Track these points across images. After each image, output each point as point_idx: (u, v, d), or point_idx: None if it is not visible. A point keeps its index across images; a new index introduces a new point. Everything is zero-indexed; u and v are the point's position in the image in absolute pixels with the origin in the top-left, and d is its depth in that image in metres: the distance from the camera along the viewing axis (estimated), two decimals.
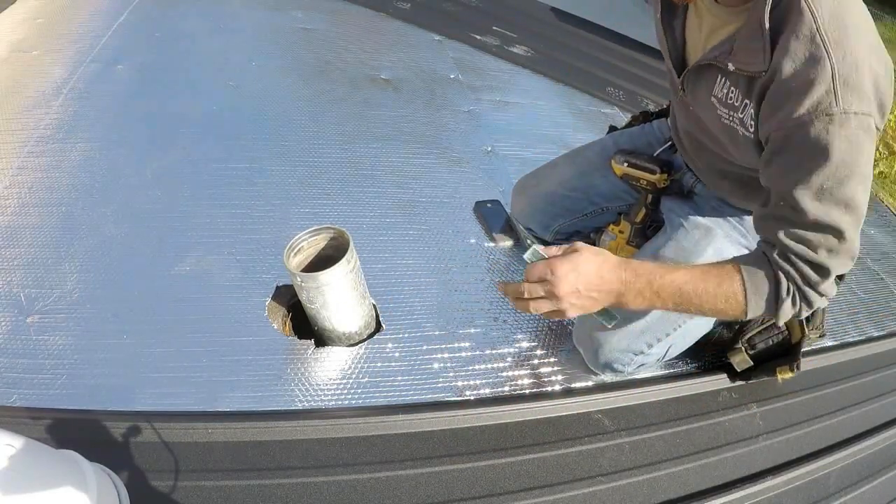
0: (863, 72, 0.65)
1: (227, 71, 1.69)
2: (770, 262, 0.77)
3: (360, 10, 2.24)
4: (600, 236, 1.23)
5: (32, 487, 0.58)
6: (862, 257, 1.60)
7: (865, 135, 0.66)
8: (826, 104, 0.65)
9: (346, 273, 0.88)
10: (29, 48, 1.65)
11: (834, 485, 1.00)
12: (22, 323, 0.95)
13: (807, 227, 0.73)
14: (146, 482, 0.78)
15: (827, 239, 0.72)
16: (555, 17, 2.65)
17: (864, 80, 0.65)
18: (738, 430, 1.03)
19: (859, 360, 1.27)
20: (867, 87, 0.66)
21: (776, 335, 1.01)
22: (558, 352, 1.09)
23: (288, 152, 1.42)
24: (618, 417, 1.00)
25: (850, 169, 0.67)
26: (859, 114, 0.65)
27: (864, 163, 0.68)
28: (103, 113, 1.44)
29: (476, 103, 1.80)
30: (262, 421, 0.86)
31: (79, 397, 0.86)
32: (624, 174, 1.13)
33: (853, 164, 0.67)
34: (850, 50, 0.64)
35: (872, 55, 0.66)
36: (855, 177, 0.68)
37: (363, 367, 0.98)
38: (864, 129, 0.66)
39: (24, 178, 1.22)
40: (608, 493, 0.88)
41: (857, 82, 0.65)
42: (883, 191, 2.39)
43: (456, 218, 1.33)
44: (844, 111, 0.64)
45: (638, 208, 1.15)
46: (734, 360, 1.05)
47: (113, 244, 1.11)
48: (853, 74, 0.64)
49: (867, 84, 0.66)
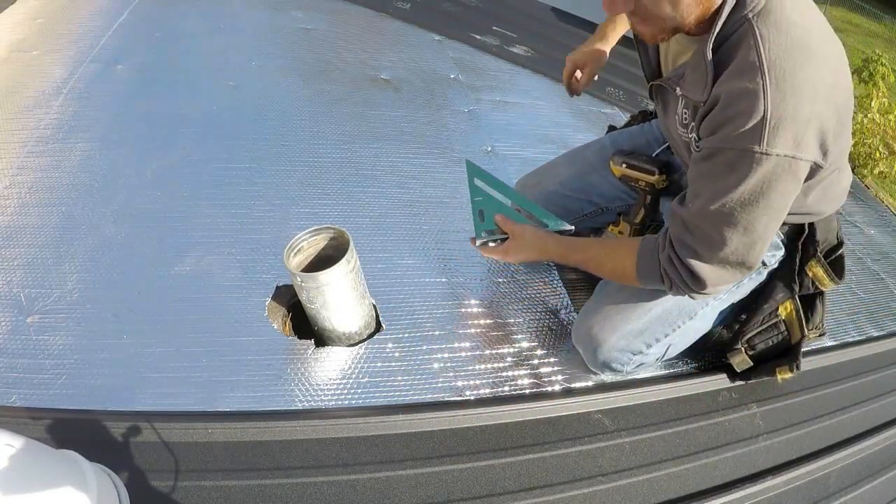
0: (799, 117, 0.67)
1: (227, 71, 1.69)
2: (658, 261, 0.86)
3: (360, 10, 2.24)
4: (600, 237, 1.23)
5: (32, 487, 0.58)
6: (862, 257, 1.60)
7: (784, 173, 0.70)
8: (749, 140, 0.68)
9: (346, 273, 0.88)
10: (29, 48, 1.65)
11: (834, 485, 1.00)
12: (22, 323, 0.95)
13: (698, 232, 0.79)
14: (146, 482, 0.78)
15: (711, 251, 0.79)
16: (555, 17, 2.65)
17: (798, 126, 0.67)
18: (738, 430, 1.03)
19: (859, 360, 1.27)
20: (800, 129, 0.68)
21: (776, 335, 1.01)
22: (558, 352, 1.09)
23: (288, 152, 1.42)
24: (618, 417, 1.00)
25: (757, 200, 0.72)
26: (781, 156, 0.68)
27: (774, 198, 0.72)
28: (103, 113, 1.44)
29: (476, 103, 1.80)
30: (261, 421, 0.87)
31: (79, 397, 0.86)
32: (623, 175, 1.13)
33: (761, 196, 0.72)
34: (791, 94, 0.66)
35: (817, 97, 0.68)
36: (759, 207, 0.73)
37: (363, 367, 0.98)
38: (782, 169, 0.69)
39: (24, 178, 1.22)
40: (608, 492, 0.88)
41: (787, 127, 0.67)
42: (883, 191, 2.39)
43: (456, 218, 1.33)
44: (766, 152, 0.68)
45: (637, 209, 1.15)
46: (734, 360, 1.05)
47: (113, 244, 1.11)
48: (786, 119, 0.67)
49: (801, 127, 0.68)
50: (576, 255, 0.99)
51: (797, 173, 0.71)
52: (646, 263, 0.88)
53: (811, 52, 0.68)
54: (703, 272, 0.80)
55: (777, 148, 0.67)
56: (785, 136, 0.67)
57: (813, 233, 0.94)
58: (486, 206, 1.03)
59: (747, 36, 0.69)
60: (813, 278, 0.97)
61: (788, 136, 0.67)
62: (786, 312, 0.99)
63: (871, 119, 4.25)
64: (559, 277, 1.24)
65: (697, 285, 0.82)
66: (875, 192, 2.08)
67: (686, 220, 0.81)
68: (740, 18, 0.70)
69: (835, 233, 0.97)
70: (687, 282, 0.83)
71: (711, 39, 0.71)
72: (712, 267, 0.80)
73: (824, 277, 0.96)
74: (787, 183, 0.71)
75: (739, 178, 0.71)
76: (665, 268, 0.85)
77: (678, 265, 0.83)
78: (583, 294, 1.22)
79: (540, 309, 1.16)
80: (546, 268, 1.26)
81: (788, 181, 0.71)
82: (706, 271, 0.80)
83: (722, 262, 0.79)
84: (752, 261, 0.79)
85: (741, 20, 0.70)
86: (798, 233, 0.97)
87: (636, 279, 0.90)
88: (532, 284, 1.21)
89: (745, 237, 0.76)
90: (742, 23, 0.70)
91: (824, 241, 0.95)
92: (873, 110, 4.27)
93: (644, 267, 0.89)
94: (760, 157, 0.68)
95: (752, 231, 0.75)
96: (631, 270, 0.90)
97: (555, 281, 1.23)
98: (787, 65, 0.67)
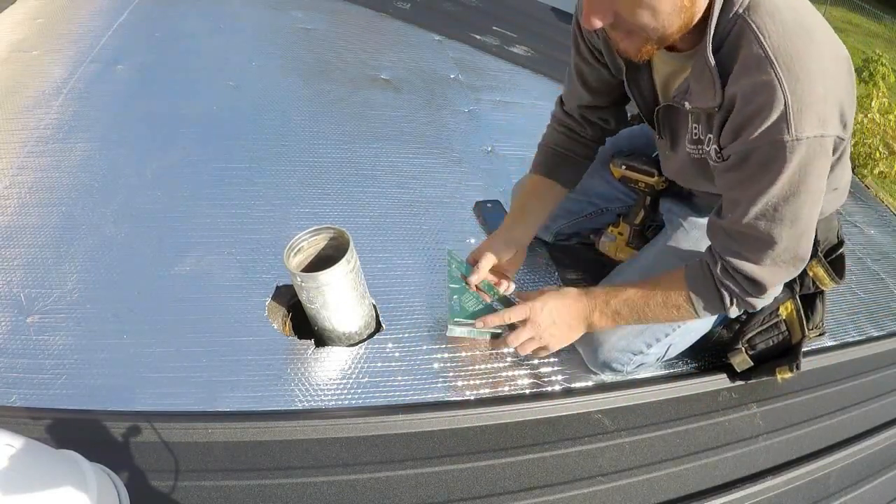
0: (816, 95, 0.66)
1: (227, 71, 1.69)
2: (713, 276, 0.84)
3: (360, 10, 2.24)
4: (599, 238, 1.23)
5: (32, 487, 0.58)
6: (862, 257, 1.60)
7: (817, 155, 0.69)
8: (777, 131, 0.67)
9: (346, 273, 0.88)
10: (29, 48, 1.65)
11: (834, 485, 1.00)
12: (22, 323, 0.95)
13: (745, 239, 0.78)
14: (146, 482, 0.78)
15: (763, 252, 0.78)
16: (555, 17, 2.65)
17: (818, 102, 0.66)
18: (738, 430, 1.03)
19: (859, 360, 1.27)
20: (821, 108, 0.67)
21: (776, 336, 1.01)
22: (558, 352, 1.08)
23: (288, 152, 1.42)
24: (618, 417, 1.00)
25: (798, 189, 0.71)
26: (811, 137, 0.67)
27: (812, 181, 0.71)
28: (103, 113, 1.44)
29: (476, 103, 1.80)
30: (261, 421, 0.86)
31: (79, 397, 0.86)
32: (622, 176, 1.13)
33: (800, 184, 0.71)
34: (804, 75, 0.65)
35: (825, 73, 0.67)
36: (801, 194, 0.71)
37: (363, 367, 0.98)
38: (815, 150, 0.68)
39: (24, 178, 1.22)
40: (608, 493, 0.88)
41: (810, 108, 0.66)
42: (883, 191, 2.39)
43: (456, 218, 1.33)
44: (796, 138, 0.66)
45: (637, 210, 1.15)
46: (734, 360, 1.05)
47: (113, 244, 1.11)
48: (806, 99, 0.66)
49: (821, 105, 0.67)
50: (618, 296, 0.90)
51: (828, 150, 0.70)
52: (698, 284, 0.86)
53: (808, 31, 0.68)
54: (759, 274, 0.79)
55: (805, 131, 0.66)
56: (810, 117, 0.66)
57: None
58: (463, 295, 1.01)
59: (745, 31, 0.68)
60: (814, 278, 0.97)
61: (813, 117, 0.66)
62: (786, 312, 0.99)
63: (871, 119, 4.26)
64: (559, 277, 1.24)
65: (757, 290, 0.81)
66: (875, 192, 2.08)
67: (729, 229, 0.80)
68: (732, 17, 0.69)
69: (835, 232, 0.97)
70: (746, 289, 0.81)
71: (708, 43, 0.71)
72: (767, 268, 0.79)
73: (825, 277, 0.96)
74: (820, 162, 0.70)
75: (776, 172, 0.70)
76: (722, 280, 0.83)
77: (734, 273, 0.81)
78: None
79: None
80: (546, 268, 1.26)
81: (822, 160, 0.70)
82: (762, 273, 0.79)
83: (775, 261, 0.78)
84: (804, 252, 0.78)
85: (733, 18, 0.69)
86: None
87: (690, 305, 0.86)
88: (532, 284, 1.21)
89: (793, 230, 0.75)
90: (735, 20, 0.69)
91: (825, 240, 0.95)
92: (873, 110, 4.27)
93: (697, 287, 0.86)
94: (793, 145, 0.67)
95: (798, 221, 0.74)
96: (682, 297, 0.86)
97: (555, 281, 1.23)
98: (792, 49, 0.66)
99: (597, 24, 0.70)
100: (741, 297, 0.83)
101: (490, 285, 1.02)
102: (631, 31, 0.71)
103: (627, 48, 0.75)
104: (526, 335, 0.91)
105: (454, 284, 1.02)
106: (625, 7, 0.67)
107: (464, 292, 1.01)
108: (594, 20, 0.69)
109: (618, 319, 0.91)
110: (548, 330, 0.91)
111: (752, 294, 0.82)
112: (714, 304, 0.86)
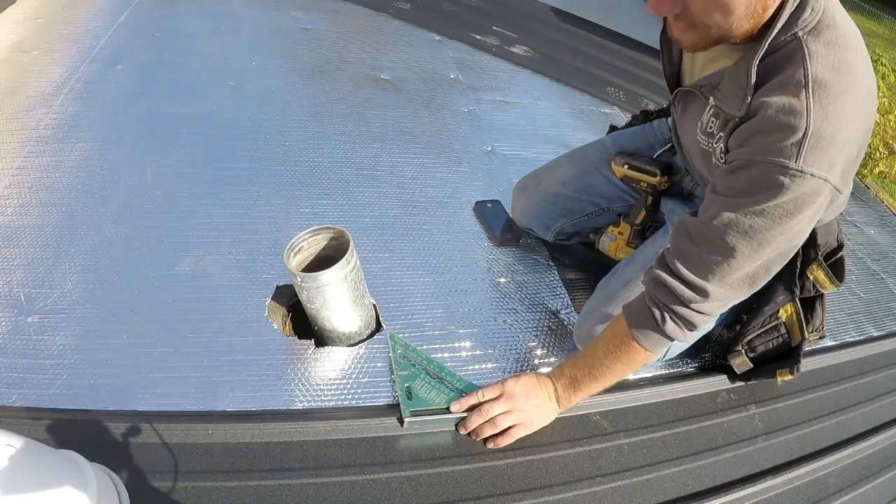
0: (837, 139, 0.64)
1: (227, 71, 1.69)
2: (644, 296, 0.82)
3: (360, 10, 2.24)
4: (599, 238, 1.23)
5: (32, 487, 0.58)
6: (862, 257, 1.60)
7: (814, 196, 0.67)
8: (787, 156, 0.65)
9: (346, 273, 0.88)
10: (29, 48, 1.65)
11: (833, 485, 1.00)
12: (22, 323, 0.95)
13: (704, 245, 0.74)
14: (146, 482, 0.78)
15: (716, 264, 0.73)
16: (555, 17, 2.65)
17: (835, 148, 0.65)
18: (737, 431, 1.03)
19: (859, 360, 1.27)
20: (835, 154, 0.65)
21: (776, 338, 1.01)
22: (558, 352, 1.09)
23: (288, 152, 1.42)
24: (616, 419, 1.00)
25: (781, 219, 0.68)
26: (815, 177, 0.65)
27: (798, 220, 0.68)
28: (103, 113, 1.44)
29: (476, 103, 1.80)
30: (261, 421, 0.87)
31: (79, 397, 0.86)
32: (624, 176, 1.13)
33: (786, 217, 0.68)
34: (833, 114, 0.64)
35: (854, 123, 0.66)
36: (781, 227, 0.68)
37: (363, 367, 0.98)
38: (814, 190, 0.66)
39: (24, 178, 1.22)
40: (607, 493, 0.88)
41: (826, 148, 0.64)
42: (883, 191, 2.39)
43: (456, 218, 1.33)
44: (801, 170, 0.64)
45: (638, 210, 1.15)
46: (734, 362, 1.05)
47: (113, 244, 1.11)
48: (826, 139, 0.64)
49: (836, 151, 0.65)
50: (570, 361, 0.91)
51: (825, 197, 0.68)
52: (632, 311, 0.83)
53: (856, 76, 0.66)
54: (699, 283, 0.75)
55: (813, 167, 0.64)
56: (822, 156, 0.64)
57: (814, 237, 0.94)
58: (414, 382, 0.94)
59: (795, 53, 0.66)
60: (814, 281, 0.97)
61: (825, 158, 0.64)
62: (786, 315, 0.99)
63: None
64: (559, 277, 1.24)
65: (694, 294, 0.76)
66: (875, 192, 2.08)
67: (695, 229, 0.76)
68: (791, 35, 0.67)
69: (835, 235, 0.97)
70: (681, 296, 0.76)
71: (759, 55, 0.68)
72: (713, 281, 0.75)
73: (825, 280, 0.96)
74: (815, 205, 0.67)
75: (769, 195, 0.67)
76: (651, 295, 0.79)
77: (669, 278, 0.77)
78: (583, 294, 1.22)
79: (540, 309, 1.16)
80: (546, 268, 1.26)
81: (816, 204, 0.67)
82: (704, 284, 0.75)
83: (724, 278, 0.74)
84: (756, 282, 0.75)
85: (791, 37, 0.67)
86: None
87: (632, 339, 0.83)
88: (532, 284, 1.21)
89: (756, 254, 0.71)
90: (791, 39, 0.67)
91: (825, 244, 0.95)
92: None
93: (631, 314, 0.83)
94: (795, 175, 0.64)
95: (763, 249, 0.71)
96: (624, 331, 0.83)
97: (555, 281, 1.23)
98: (833, 86, 0.64)
99: (665, 11, 0.68)
100: (670, 309, 0.78)
101: (447, 370, 0.98)
102: (694, 24, 0.69)
103: (683, 40, 0.72)
104: (501, 408, 0.88)
105: (402, 371, 0.95)
106: (697, 2, 0.65)
107: (415, 378, 0.95)
108: (662, 7, 0.68)
109: (577, 386, 0.89)
110: (525, 403, 0.89)
111: (684, 302, 0.77)
112: (649, 324, 0.81)
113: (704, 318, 0.78)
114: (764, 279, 0.75)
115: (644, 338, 0.82)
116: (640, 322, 0.82)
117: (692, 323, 0.79)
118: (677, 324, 0.79)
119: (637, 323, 0.82)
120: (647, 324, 0.81)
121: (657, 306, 0.80)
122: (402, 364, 0.97)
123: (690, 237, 0.77)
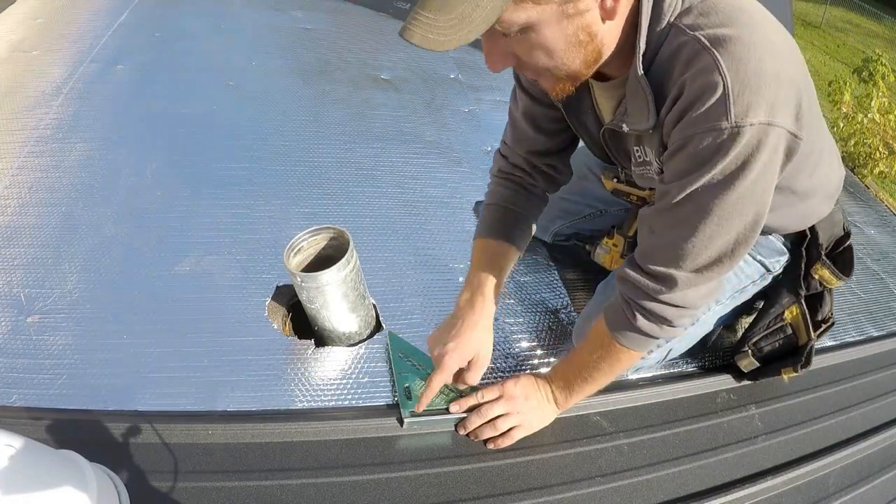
0: (765, 77, 0.58)
1: (227, 71, 1.69)
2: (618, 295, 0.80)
3: (360, 10, 2.24)
4: (595, 249, 1.21)
5: (32, 487, 0.58)
6: (862, 257, 1.60)
7: (763, 146, 0.60)
8: (716, 118, 0.59)
9: (346, 273, 0.88)
10: (29, 48, 1.65)
11: (833, 485, 1.00)
12: (22, 323, 0.95)
13: (666, 232, 0.71)
14: (146, 482, 0.78)
15: (677, 248, 0.70)
16: None
17: (767, 88, 0.58)
18: (737, 431, 1.03)
19: (859, 360, 1.27)
20: (770, 92, 0.59)
21: (782, 339, 1.01)
22: (558, 352, 1.09)
23: (288, 152, 1.42)
24: (616, 419, 1.00)
25: (734, 183, 0.62)
26: (755, 125, 0.59)
27: (753, 177, 0.62)
28: (103, 113, 1.44)
29: (476, 103, 1.80)
30: (262, 421, 0.86)
31: (79, 397, 0.86)
32: (614, 189, 1.12)
33: (737, 178, 0.62)
34: (747, 55, 0.58)
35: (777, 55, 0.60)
36: (737, 190, 0.63)
37: (363, 367, 0.98)
38: (760, 140, 0.60)
39: (24, 178, 1.22)
40: (607, 493, 0.88)
41: (755, 91, 0.58)
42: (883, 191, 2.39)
43: (456, 218, 1.33)
44: (736, 125, 0.58)
45: (630, 221, 1.15)
46: (741, 363, 1.05)
47: (113, 244, 1.11)
48: (751, 80, 0.58)
49: (770, 89, 0.59)
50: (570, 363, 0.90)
51: (776, 144, 0.61)
52: (610, 309, 0.82)
53: (751, 13, 0.61)
54: (669, 273, 0.72)
55: (748, 117, 0.58)
56: (755, 102, 0.58)
57: (815, 236, 0.94)
58: (414, 382, 0.94)
59: (678, 35, 0.62)
60: (820, 280, 0.97)
61: (760, 102, 0.58)
62: (791, 316, 0.99)
63: (871, 119, 4.25)
64: (559, 277, 1.24)
65: (664, 285, 0.73)
66: (875, 192, 2.07)
67: (652, 221, 0.73)
68: (663, 29, 0.63)
69: (840, 225, 0.96)
70: (649, 290, 0.74)
71: (638, 59, 0.65)
72: (683, 268, 0.71)
73: (831, 278, 0.95)
74: (762, 158, 0.61)
75: (711, 163, 0.62)
76: (623, 294, 0.77)
77: (639, 275, 0.75)
78: (583, 294, 1.22)
79: (540, 309, 1.16)
80: (546, 268, 1.26)
81: (764, 156, 0.61)
82: (676, 273, 0.71)
83: (695, 260, 0.69)
84: (730, 258, 0.70)
85: (665, 29, 0.63)
86: (801, 237, 0.97)
87: (614, 341, 0.81)
88: (532, 284, 1.21)
89: (720, 228, 0.66)
90: (667, 31, 0.63)
91: (829, 238, 0.95)
92: (873, 110, 4.26)
93: (609, 314, 0.82)
94: (732, 133, 0.59)
95: (729, 220, 0.66)
96: (606, 333, 0.82)
97: (555, 281, 1.23)
98: (732, 31, 0.59)
99: (499, 66, 0.66)
100: (639, 305, 0.76)
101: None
102: (538, 72, 0.67)
103: (546, 87, 0.70)
104: (500, 410, 0.88)
105: (401, 370, 0.94)
106: (520, 49, 0.63)
107: (415, 378, 0.94)
108: (495, 64, 0.65)
109: (571, 388, 0.89)
110: (525, 405, 0.89)
111: (651, 295, 0.74)
112: (624, 323, 0.79)
113: (680, 312, 0.75)
114: (742, 251, 0.69)
115: (623, 337, 0.80)
116: (616, 322, 0.81)
117: (663, 317, 0.75)
118: (649, 319, 0.76)
119: (614, 324, 0.81)
120: (623, 323, 0.79)
121: (627, 303, 0.78)
122: (401, 364, 0.96)
123: (651, 229, 0.74)
